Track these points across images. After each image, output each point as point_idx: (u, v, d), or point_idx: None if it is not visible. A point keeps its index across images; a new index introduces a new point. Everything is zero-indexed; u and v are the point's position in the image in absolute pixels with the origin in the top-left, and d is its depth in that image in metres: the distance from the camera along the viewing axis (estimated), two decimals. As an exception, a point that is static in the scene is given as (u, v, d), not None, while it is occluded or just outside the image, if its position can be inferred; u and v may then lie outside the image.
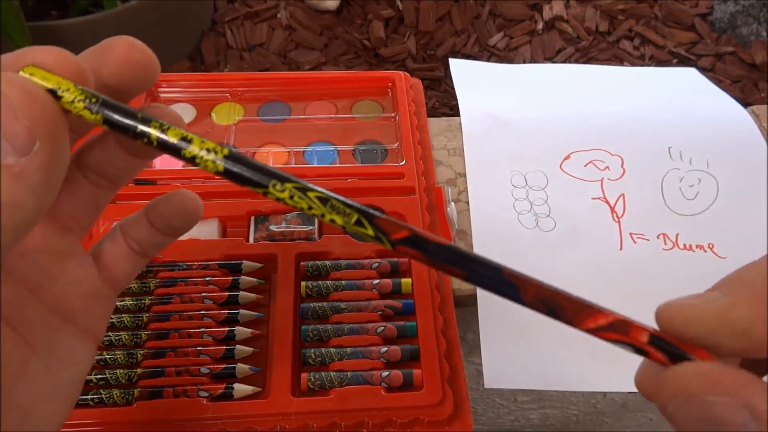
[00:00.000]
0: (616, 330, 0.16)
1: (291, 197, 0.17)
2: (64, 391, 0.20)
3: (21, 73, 0.16)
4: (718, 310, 0.15)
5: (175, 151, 0.18)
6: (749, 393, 0.13)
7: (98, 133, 0.20)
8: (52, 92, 0.16)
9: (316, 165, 0.41)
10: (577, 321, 0.17)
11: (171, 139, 0.17)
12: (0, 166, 0.15)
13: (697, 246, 0.41)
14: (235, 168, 0.17)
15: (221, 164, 0.17)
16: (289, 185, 0.17)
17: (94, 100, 0.17)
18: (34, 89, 0.16)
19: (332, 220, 0.18)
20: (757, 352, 0.14)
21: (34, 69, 0.16)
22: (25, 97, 0.15)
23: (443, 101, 0.61)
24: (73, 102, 0.17)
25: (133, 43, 0.18)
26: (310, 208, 0.18)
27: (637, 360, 0.19)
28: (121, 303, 0.34)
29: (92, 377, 0.31)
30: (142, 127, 0.17)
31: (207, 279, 0.34)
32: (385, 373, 0.32)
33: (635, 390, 0.18)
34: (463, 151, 0.44)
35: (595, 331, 0.16)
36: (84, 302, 0.21)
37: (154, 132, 0.17)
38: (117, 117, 0.17)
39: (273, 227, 0.37)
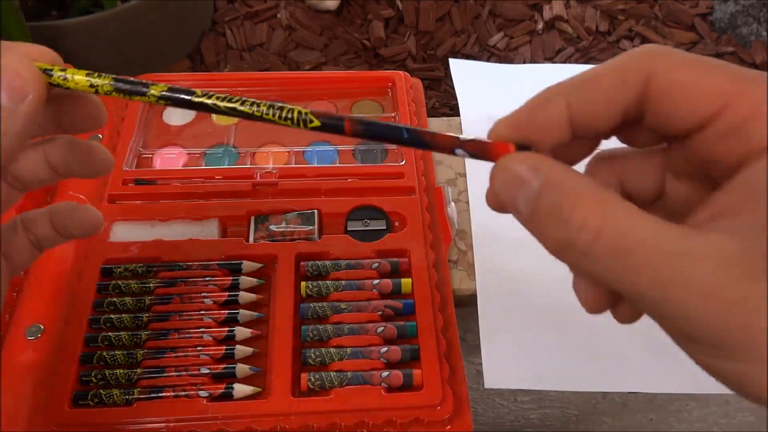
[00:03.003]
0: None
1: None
2: None
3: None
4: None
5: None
6: (538, 161, 0.18)
7: (29, 145, 0.24)
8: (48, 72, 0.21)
9: (316, 165, 0.41)
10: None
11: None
12: None
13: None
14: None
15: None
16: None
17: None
18: (33, 67, 0.20)
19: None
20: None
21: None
22: (27, 68, 0.20)
23: (443, 101, 0.61)
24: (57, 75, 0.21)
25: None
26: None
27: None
28: (122, 303, 0.34)
29: (92, 377, 0.31)
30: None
31: (207, 279, 0.34)
32: (385, 374, 0.32)
33: (635, 390, 0.18)
34: (463, 151, 0.44)
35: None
36: None
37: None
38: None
39: (273, 227, 0.37)
